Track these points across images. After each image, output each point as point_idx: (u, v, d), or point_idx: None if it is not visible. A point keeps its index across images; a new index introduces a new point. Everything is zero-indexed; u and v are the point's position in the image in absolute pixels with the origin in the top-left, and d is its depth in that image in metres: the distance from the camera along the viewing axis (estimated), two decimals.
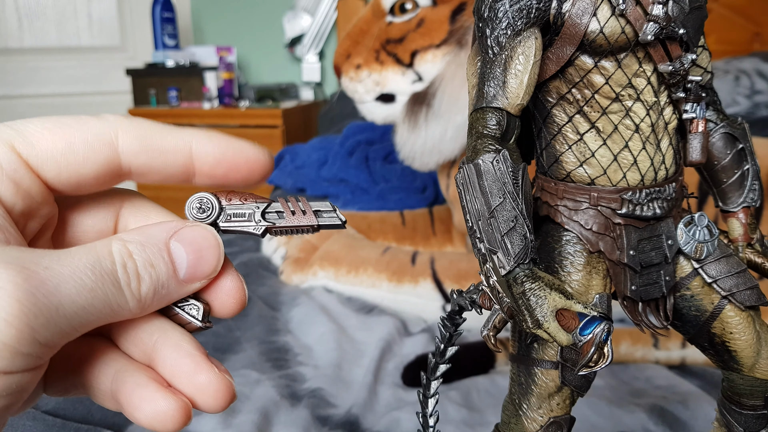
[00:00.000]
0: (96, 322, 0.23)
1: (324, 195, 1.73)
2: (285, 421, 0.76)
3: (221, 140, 0.28)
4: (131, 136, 0.26)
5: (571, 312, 0.33)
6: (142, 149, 0.26)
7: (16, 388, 0.22)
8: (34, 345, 0.21)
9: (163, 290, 0.25)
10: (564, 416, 0.41)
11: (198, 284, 0.27)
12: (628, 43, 0.36)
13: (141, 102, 2.60)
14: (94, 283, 0.23)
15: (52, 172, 0.25)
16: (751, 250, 0.45)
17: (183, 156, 0.27)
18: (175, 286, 0.26)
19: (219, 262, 0.27)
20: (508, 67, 0.36)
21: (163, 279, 0.25)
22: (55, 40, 2.85)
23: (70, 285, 0.22)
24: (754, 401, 0.43)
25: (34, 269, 0.22)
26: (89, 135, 0.26)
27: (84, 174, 0.26)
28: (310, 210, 0.28)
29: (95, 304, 0.23)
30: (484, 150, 0.35)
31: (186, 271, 0.26)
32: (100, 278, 0.23)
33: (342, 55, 1.21)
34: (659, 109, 0.38)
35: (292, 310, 1.10)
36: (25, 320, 0.21)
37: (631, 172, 0.38)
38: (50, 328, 0.22)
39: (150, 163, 0.27)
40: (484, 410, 0.80)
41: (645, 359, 0.90)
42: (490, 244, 0.34)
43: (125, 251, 0.24)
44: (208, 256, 0.27)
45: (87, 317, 0.23)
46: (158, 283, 0.25)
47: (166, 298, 0.26)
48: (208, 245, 0.27)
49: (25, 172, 0.25)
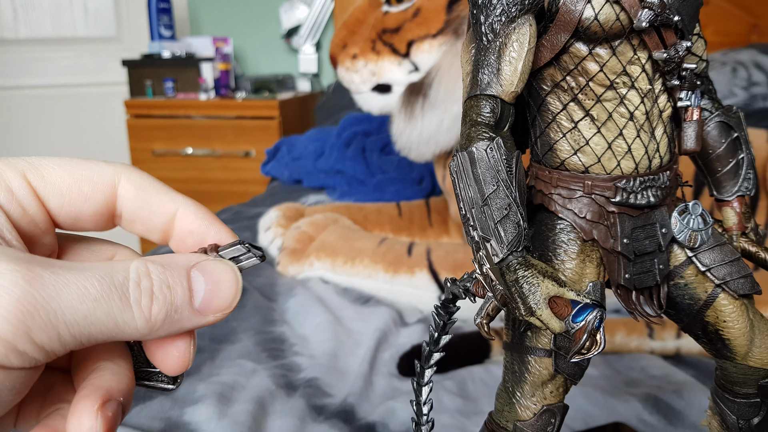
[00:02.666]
0: (99, 336, 0.23)
1: (320, 186, 1.73)
2: (280, 411, 0.76)
3: (205, 216, 0.29)
4: (132, 185, 0.28)
5: (563, 299, 0.33)
6: (136, 198, 0.28)
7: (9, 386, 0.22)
8: (31, 345, 0.21)
9: (176, 315, 0.25)
10: (557, 404, 0.41)
11: (212, 317, 0.26)
12: (623, 30, 0.36)
13: (137, 93, 2.59)
14: (98, 294, 0.23)
15: (56, 203, 0.27)
16: (746, 239, 0.46)
17: (167, 216, 0.29)
18: (189, 314, 0.26)
19: (235, 298, 0.27)
20: (503, 54, 0.36)
21: (178, 303, 0.25)
22: (51, 30, 2.83)
23: (73, 291, 0.22)
24: (747, 389, 0.44)
25: (38, 271, 0.22)
26: (95, 175, 0.28)
27: (84, 211, 0.28)
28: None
29: (98, 316, 0.23)
30: (478, 138, 0.35)
31: (202, 301, 0.26)
32: (107, 290, 0.23)
33: (338, 45, 1.21)
34: (654, 96, 0.38)
35: (288, 301, 1.10)
36: (22, 318, 0.21)
37: (626, 161, 0.38)
38: (47, 332, 0.22)
39: (138, 212, 0.28)
40: (479, 399, 0.80)
41: (640, 349, 0.90)
42: (484, 231, 0.34)
43: (144, 269, 0.25)
44: (226, 290, 0.27)
45: (89, 328, 0.23)
46: (172, 307, 0.25)
47: (178, 324, 0.26)
48: (228, 279, 0.27)
49: (32, 199, 0.26)
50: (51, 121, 2.87)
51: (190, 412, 0.75)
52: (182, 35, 2.81)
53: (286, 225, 1.34)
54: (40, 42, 2.83)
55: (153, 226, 0.29)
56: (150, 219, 0.29)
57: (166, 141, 2.42)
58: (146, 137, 2.43)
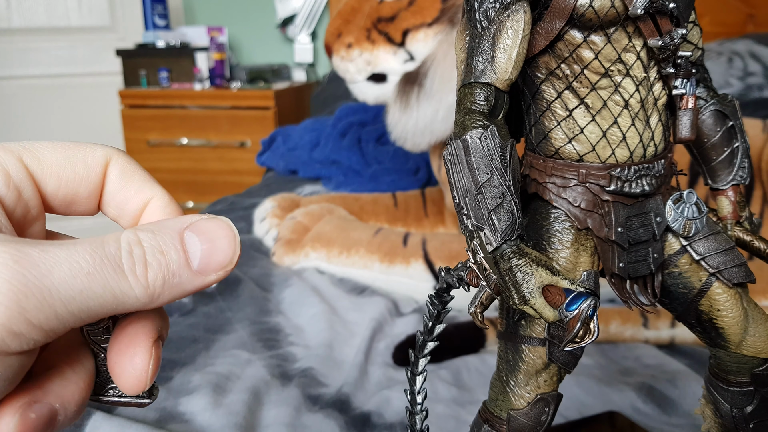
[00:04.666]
0: (100, 310, 0.23)
1: (316, 177, 1.73)
2: (276, 401, 0.76)
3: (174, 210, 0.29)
4: (116, 167, 0.28)
5: (557, 288, 0.33)
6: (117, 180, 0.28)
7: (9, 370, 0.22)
8: (27, 325, 0.21)
9: (174, 279, 0.25)
10: (551, 393, 0.41)
11: (214, 276, 0.26)
12: (618, 17, 0.36)
13: (131, 83, 2.58)
14: (91, 267, 0.22)
15: (53, 185, 0.27)
16: (740, 228, 0.45)
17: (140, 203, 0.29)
18: (189, 276, 0.25)
19: (235, 253, 0.26)
20: (497, 42, 0.35)
21: (174, 267, 0.25)
22: (44, 20, 2.81)
23: (65, 267, 0.22)
24: (740, 378, 0.44)
25: (27, 251, 0.21)
26: (89, 157, 0.28)
27: (80, 192, 0.28)
28: None
29: (94, 289, 0.22)
30: (472, 126, 0.35)
31: (200, 261, 0.25)
32: (100, 262, 0.23)
33: (333, 34, 1.20)
34: (649, 84, 0.38)
35: (283, 291, 1.10)
36: (15, 300, 0.20)
37: (620, 149, 0.38)
38: (44, 311, 0.21)
39: (115, 194, 0.28)
40: (474, 389, 0.80)
41: (634, 338, 0.90)
42: (477, 220, 0.34)
43: (134, 238, 0.24)
44: (224, 246, 0.26)
45: (87, 303, 0.22)
46: (168, 271, 0.24)
47: (179, 288, 0.25)
48: (224, 235, 0.26)
49: (28, 183, 0.26)
50: (45, 111, 2.85)
51: (185, 402, 0.75)
52: (177, 25, 2.79)
53: (281, 215, 1.34)
54: (34, 31, 2.81)
55: (125, 212, 0.29)
56: (124, 204, 0.29)
57: (161, 131, 2.41)
58: (141, 127, 2.42)
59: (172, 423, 0.71)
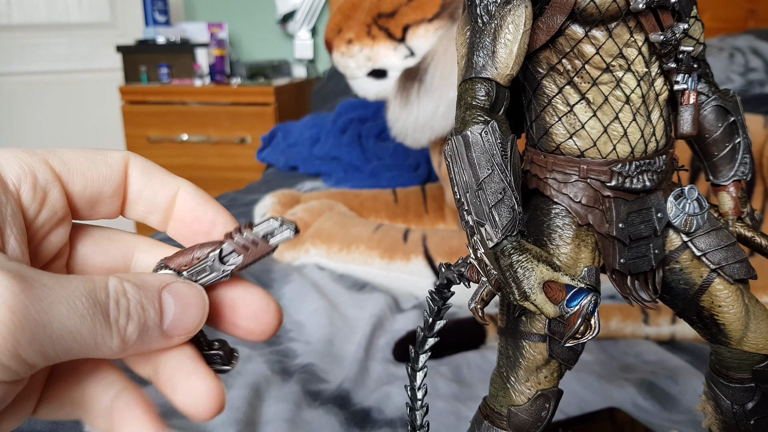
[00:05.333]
0: (77, 352, 0.23)
1: (316, 173, 1.72)
2: (276, 396, 0.76)
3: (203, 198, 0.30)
4: (137, 166, 0.29)
5: (558, 284, 0.32)
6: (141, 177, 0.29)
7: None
8: (16, 359, 0.21)
9: (146, 336, 0.25)
10: (551, 389, 0.41)
11: (177, 339, 0.27)
12: (619, 11, 0.35)
13: (132, 79, 2.58)
14: (86, 310, 0.23)
15: (79, 185, 0.28)
16: (741, 223, 0.45)
17: (169, 195, 0.29)
18: (158, 336, 0.26)
19: (201, 322, 0.27)
20: (498, 37, 0.35)
21: (150, 324, 0.25)
22: (44, 16, 2.80)
23: (63, 306, 0.22)
24: (741, 374, 0.44)
25: (32, 283, 0.22)
26: (108, 158, 0.28)
27: (104, 192, 0.28)
28: (260, 239, 0.29)
29: (82, 332, 0.23)
30: (473, 121, 0.35)
31: (171, 323, 0.26)
32: (93, 307, 0.23)
33: (333, 30, 1.20)
34: (650, 80, 0.38)
35: (284, 287, 1.10)
36: (13, 330, 0.21)
37: (621, 144, 0.38)
38: (34, 345, 0.21)
39: (142, 191, 0.29)
40: (474, 385, 0.80)
41: (635, 335, 0.90)
42: (478, 216, 0.34)
43: (120, 288, 0.25)
44: (193, 314, 0.27)
45: (71, 344, 0.23)
46: (144, 327, 0.25)
47: (147, 345, 0.26)
48: (195, 303, 0.27)
49: (55, 184, 0.27)
50: (45, 107, 2.85)
51: None
52: (177, 21, 2.79)
53: (281, 212, 1.34)
54: (34, 28, 2.81)
55: (155, 207, 0.29)
56: (153, 199, 0.29)
57: (161, 127, 2.41)
58: (141, 124, 2.42)
59: (172, 418, 0.71)
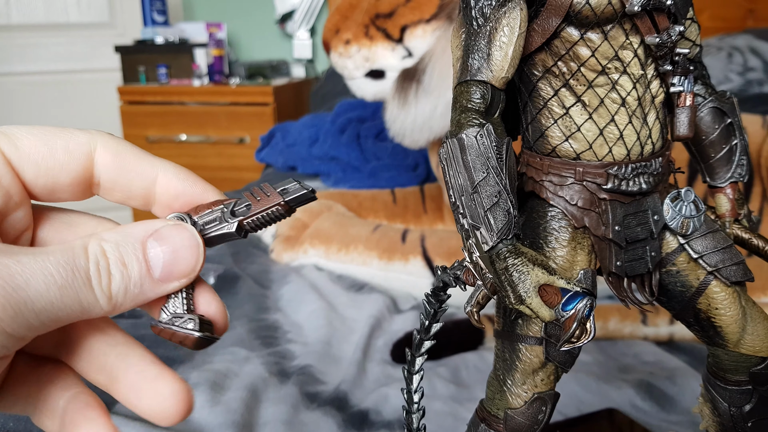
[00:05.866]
0: (66, 319, 0.24)
1: (315, 173, 1.72)
2: (273, 398, 0.76)
3: (188, 177, 0.29)
4: (108, 151, 0.28)
5: (554, 287, 0.32)
6: (113, 164, 0.28)
7: None
8: (2, 334, 0.22)
9: (135, 289, 0.25)
10: (548, 392, 0.41)
11: (176, 284, 0.26)
12: (615, 14, 0.35)
13: (130, 79, 2.57)
14: (64, 280, 0.23)
15: (31, 173, 0.26)
16: (738, 225, 0.45)
17: (148, 181, 0.28)
18: (150, 285, 0.26)
19: (198, 261, 0.27)
20: (493, 39, 0.35)
21: (136, 278, 0.25)
22: (43, 16, 2.80)
23: (39, 280, 0.22)
24: (738, 377, 0.44)
25: (6, 262, 0.22)
26: (71, 143, 0.27)
27: (60, 180, 0.27)
28: (274, 191, 0.28)
29: (65, 301, 0.23)
30: (468, 124, 0.35)
31: (162, 270, 0.26)
32: (72, 275, 0.23)
33: (331, 30, 1.20)
34: (646, 82, 0.38)
35: (282, 288, 1.10)
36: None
37: (617, 147, 0.38)
38: (18, 321, 0.22)
39: (117, 179, 0.28)
40: (472, 386, 0.80)
41: (633, 335, 0.90)
42: (473, 219, 0.34)
43: (99, 249, 0.25)
44: (186, 255, 0.26)
45: (56, 313, 0.23)
46: (130, 282, 0.25)
47: (140, 297, 0.26)
48: (187, 244, 0.26)
49: (6, 171, 0.26)
50: (43, 107, 2.84)
51: None
52: (175, 21, 2.78)
53: None
54: (33, 28, 2.80)
55: (133, 193, 0.29)
56: (129, 185, 0.28)
57: (160, 127, 2.41)
58: (140, 124, 2.42)
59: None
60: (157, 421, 0.27)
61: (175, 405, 0.27)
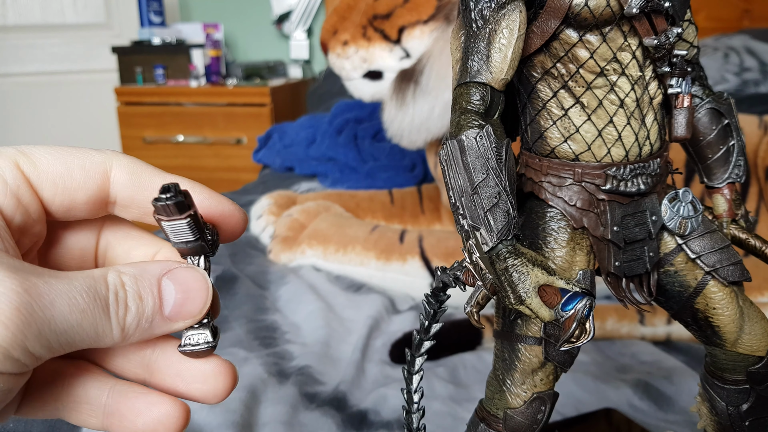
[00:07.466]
0: (80, 344, 0.24)
1: (312, 173, 1.72)
2: (272, 399, 0.76)
3: (203, 192, 0.30)
4: (124, 170, 0.28)
5: (553, 288, 0.33)
6: (131, 182, 0.28)
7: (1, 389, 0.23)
8: (24, 353, 0.22)
9: (146, 324, 0.26)
10: (547, 392, 0.41)
11: (182, 323, 0.27)
12: (614, 16, 0.35)
13: (127, 80, 2.57)
14: (86, 305, 0.24)
15: (49, 192, 0.27)
16: (736, 226, 0.46)
17: None
18: (159, 322, 0.27)
19: (205, 305, 0.28)
20: (492, 41, 0.35)
21: (149, 313, 0.26)
22: (39, 17, 2.80)
23: (64, 302, 0.23)
24: (736, 376, 0.44)
25: (35, 281, 0.23)
26: (87, 162, 0.27)
27: (77, 199, 0.28)
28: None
29: (84, 326, 0.24)
30: (468, 126, 0.35)
31: (172, 309, 0.27)
32: (93, 301, 0.24)
33: (329, 31, 1.20)
34: (644, 83, 0.38)
35: (280, 289, 1.10)
36: (21, 327, 0.22)
37: (616, 148, 0.38)
38: (40, 340, 0.22)
39: (134, 196, 0.29)
40: (471, 386, 0.80)
41: (631, 335, 0.90)
42: (473, 220, 0.34)
43: (119, 281, 0.26)
44: (196, 298, 0.27)
45: (74, 337, 0.24)
46: (143, 317, 0.26)
47: (149, 331, 0.27)
48: (198, 287, 0.28)
49: (26, 189, 0.26)
50: (40, 108, 2.84)
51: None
52: (172, 21, 2.78)
53: (277, 213, 1.33)
54: (29, 28, 2.80)
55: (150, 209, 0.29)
56: (146, 203, 0.29)
57: (157, 128, 2.41)
58: (137, 125, 2.42)
59: None
60: (206, 400, 0.28)
61: (222, 380, 0.28)
